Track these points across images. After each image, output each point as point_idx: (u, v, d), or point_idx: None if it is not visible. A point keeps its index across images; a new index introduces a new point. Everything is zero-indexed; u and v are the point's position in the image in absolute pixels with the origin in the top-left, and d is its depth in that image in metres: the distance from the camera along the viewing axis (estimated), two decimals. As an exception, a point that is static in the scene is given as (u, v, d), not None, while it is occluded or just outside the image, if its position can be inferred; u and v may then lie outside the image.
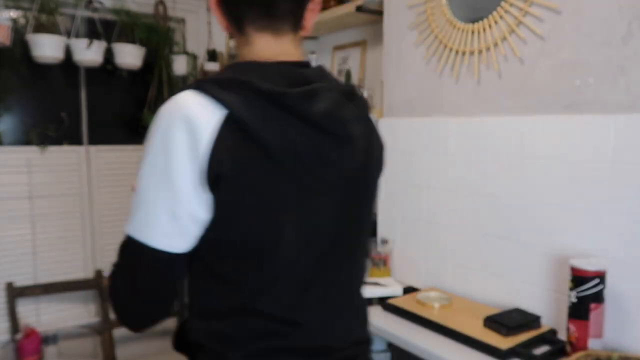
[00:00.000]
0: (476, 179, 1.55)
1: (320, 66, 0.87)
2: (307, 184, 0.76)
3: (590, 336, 1.18)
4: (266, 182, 0.72)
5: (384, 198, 1.89)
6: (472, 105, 1.57)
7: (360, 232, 0.88)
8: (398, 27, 1.80)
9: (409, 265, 1.79)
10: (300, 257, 0.77)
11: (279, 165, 0.72)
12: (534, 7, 1.37)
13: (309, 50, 2.65)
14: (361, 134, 0.83)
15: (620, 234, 1.22)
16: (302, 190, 0.75)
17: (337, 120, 0.78)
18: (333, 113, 0.78)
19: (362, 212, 0.87)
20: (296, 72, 0.80)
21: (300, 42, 0.88)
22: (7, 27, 2.03)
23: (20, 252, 2.29)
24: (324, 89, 0.79)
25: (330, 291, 0.82)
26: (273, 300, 0.76)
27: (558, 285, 1.34)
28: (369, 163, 0.85)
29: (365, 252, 0.93)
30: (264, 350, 0.77)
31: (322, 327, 0.81)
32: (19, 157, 2.27)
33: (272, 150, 0.71)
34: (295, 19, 0.83)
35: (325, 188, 0.78)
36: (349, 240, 0.84)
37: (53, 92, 2.37)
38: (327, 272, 0.81)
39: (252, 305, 0.76)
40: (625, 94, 1.20)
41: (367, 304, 0.93)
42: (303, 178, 0.75)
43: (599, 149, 1.25)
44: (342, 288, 0.85)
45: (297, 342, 0.78)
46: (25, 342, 2.15)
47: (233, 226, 0.73)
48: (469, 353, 1.25)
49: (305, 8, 0.84)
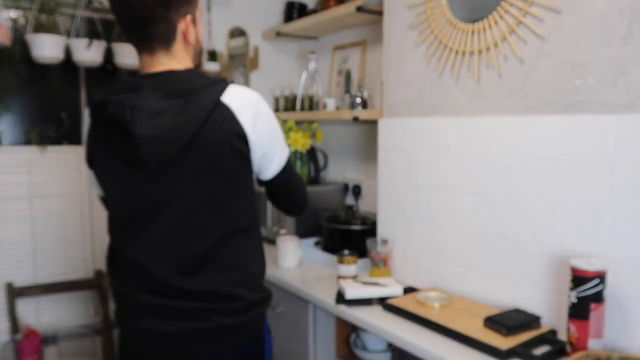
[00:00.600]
0: (476, 179, 1.55)
1: (172, 72, 1.16)
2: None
3: (590, 336, 1.18)
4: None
5: (384, 198, 1.89)
6: (472, 105, 1.57)
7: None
8: (398, 27, 1.80)
9: (409, 265, 1.79)
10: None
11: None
12: (534, 7, 1.37)
13: (309, 50, 2.65)
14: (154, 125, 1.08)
15: (620, 234, 1.22)
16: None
17: (124, 119, 1.08)
18: (119, 114, 1.08)
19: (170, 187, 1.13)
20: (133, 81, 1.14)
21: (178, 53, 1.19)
22: (7, 27, 2.03)
23: (20, 252, 2.29)
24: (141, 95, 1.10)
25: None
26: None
27: (558, 286, 1.34)
28: (185, 156, 1.10)
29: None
30: (112, 266, 1.23)
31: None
32: (19, 157, 2.26)
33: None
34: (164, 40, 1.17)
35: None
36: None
37: (53, 92, 2.36)
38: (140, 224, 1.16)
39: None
40: (626, 94, 1.20)
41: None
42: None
43: (599, 149, 1.25)
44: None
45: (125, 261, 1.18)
46: (25, 343, 2.15)
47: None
48: (469, 353, 1.25)
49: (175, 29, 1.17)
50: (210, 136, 1.10)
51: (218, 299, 1.15)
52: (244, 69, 2.78)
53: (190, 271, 1.14)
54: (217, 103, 1.11)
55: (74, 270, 2.42)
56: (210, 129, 1.10)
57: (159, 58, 1.16)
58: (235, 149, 1.13)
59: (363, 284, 1.65)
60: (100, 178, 1.22)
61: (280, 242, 2.03)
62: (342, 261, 1.79)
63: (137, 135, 1.06)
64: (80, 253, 2.44)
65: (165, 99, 1.09)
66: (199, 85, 1.12)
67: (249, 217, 1.21)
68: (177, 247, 1.14)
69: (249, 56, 2.75)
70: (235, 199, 1.17)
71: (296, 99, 2.61)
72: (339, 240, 2.10)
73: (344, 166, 2.59)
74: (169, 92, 1.09)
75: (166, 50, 1.16)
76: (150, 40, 1.14)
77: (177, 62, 1.17)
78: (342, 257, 1.79)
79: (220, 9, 2.66)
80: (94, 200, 2.45)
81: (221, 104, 1.12)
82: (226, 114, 1.12)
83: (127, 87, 1.11)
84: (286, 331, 1.90)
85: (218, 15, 2.57)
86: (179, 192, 1.12)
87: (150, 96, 1.08)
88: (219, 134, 1.11)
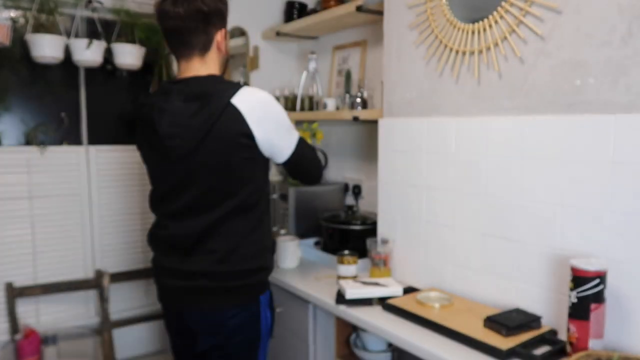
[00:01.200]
0: (476, 179, 1.55)
1: (196, 77, 1.40)
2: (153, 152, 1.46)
3: (590, 336, 1.18)
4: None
5: (384, 198, 1.89)
6: (472, 105, 1.57)
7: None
8: (398, 27, 1.80)
9: (409, 265, 1.79)
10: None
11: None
12: (535, 7, 1.36)
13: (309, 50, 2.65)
14: (181, 123, 1.33)
15: (620, 234, 1.21)
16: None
17: (157, 118, 1.34)
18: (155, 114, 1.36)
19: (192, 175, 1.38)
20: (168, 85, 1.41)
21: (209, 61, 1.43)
22: (7, 27, 2.03)
23: (20, 252, 2.29)
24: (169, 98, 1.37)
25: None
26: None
27: (558, 286, 1.34)
28: (198, 149, 1.33)
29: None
30: (153, 235, 1.51)
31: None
32: (19, 157, 2.26)
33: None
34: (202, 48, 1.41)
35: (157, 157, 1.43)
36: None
37: (53, 92, 2.36)
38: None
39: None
40: (626, 94, 1.20)
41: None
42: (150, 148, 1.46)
43: (599, 149, 1.25)
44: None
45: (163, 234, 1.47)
46: (25, 343, 2.15)
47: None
48: (469, 353, 1.25)
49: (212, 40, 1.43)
50: (220, 135, 1.32)
51: (210, 264, 1.40)
52: (244, 69, 2.78)
53: (196, 241, 1.40)
54: (227, 105, 1.31)
55: (74, 270, 2.42)
56: (219, 129, 1.31)
57: (193, 64, 1.40)
58: (242, 145, 1.34)
59: (363, 284, 1.65)
60: (144, 161, 1.51)
61: (280, 242, 2.02)
62: (342, 261, 1.79)
63: (161, 132, 1.33)
64: (80, 253, 2.44)
65: (185, 102, 1.33)
66: (214, 89, 1.33)
67: (255, 199, 1.43)
68: (194, 220, 1.40)
69: (249, 56, 2.75)
70: (241, 184, 1.39)
71: (296, 99, 2.61)
72: (339, 240, 2.10)
73: (344, 166, 2.59)
74: (189, 95, 1.33)
75: (201, 58, 1.40)
76: (191, 48, 1.38)
77: (206, 68, 1.40)
78: (342, 257, 1.79)
79: (220, 9, 2.65)
80: (94, 200, 2.45)
81: (231, 106, 1.31)
82: (234, 115, 1.32)
83: (161, 91, 1.39)
84: (286, 331, 1.90)
85: (218, 15, 2.57)
86: (195, 178, 1.37)
87: (175, 100, 1.34)
88: (227, 132, 1.32)
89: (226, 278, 1.40)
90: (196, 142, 1.32)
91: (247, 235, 1.43)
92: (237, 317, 1.43)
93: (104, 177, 2.48)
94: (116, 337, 2.49)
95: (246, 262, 1.42)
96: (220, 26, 1.41)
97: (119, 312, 2.54)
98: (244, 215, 1.41)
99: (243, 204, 1.40)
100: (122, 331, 2.54)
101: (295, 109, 2.61)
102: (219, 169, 1.35)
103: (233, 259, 1.41)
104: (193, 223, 1.40)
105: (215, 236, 1.40)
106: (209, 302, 1.42)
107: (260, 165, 1.43)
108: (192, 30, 1.35)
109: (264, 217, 1.48)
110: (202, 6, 1.34)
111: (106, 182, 2.49)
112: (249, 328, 1.45)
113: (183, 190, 1.39)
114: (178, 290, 1.45)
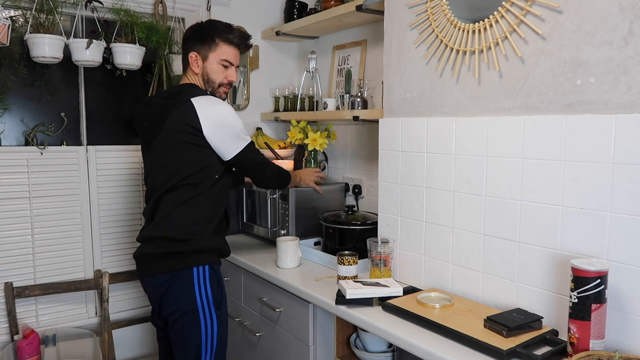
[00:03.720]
0: (476, 179, 1.54)
1: (177, 84, 1.93)
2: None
3: (591, 337, 1.18)
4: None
5: (384, 198, 1.89)
6: (472, 104, 1.56)
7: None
8: (398, 27, 1.80)
9: (410, 265, 1.79)
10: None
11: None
12: (535, 6, 1.36)
13: (309, 50, 2.65)
14: (156, 117, 1.74)
15: (621, 234, 1.21)
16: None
17: (144, 113, 1.82)
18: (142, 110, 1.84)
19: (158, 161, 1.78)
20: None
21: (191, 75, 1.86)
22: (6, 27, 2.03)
23: (19, 252, 2.28)
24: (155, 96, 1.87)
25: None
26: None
27: (559, 286, 1.34)
28: (158, 134, 1.73)
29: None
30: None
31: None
32: (19, 157, 2.26)
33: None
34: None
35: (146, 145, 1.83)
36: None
37: (52, 92, 2.36)
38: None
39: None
40: (627, 94, 1.20)
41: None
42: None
43: (600, 149, 1.24)
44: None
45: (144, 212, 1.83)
46: (24, 343, 2.15)
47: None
48: (469, 354, 1.25)
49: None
50: (172, 121, 1.70)
51: (150, 230, 1.76)
52: (244, 69, 2.78)
53: (151, 211, 1.77)
54: (186, 101, 1.69)
55: (73, 270, 2.42)
56: (174, 117, 1.70)
57: (182, 78, 1.88)
58: (189, 132, 1.68)
59: (363, 284, 1.65)
60: (142, 159, 1.92)
61: (280, 242, 2.02)
62: (342, 261, 1.78)
63: (137, 117, 1.84)
64: (80, 253, 2.44)
65: (162, 99, 1.75)
66: (184, 91, 1.75)
67: (199, 179, 1.71)
68: (154, 195, 1.76)
69: (249, 56, 2.75)
70: (186, 165, 1.71)
71: (296, 98, 2.60)
72: (339, 241, 2.09)
73: (344, 166, 2.59)
74: (165, 93, 1.81)
75: (185, 74, 1.86)
76: (185, 63, 1.86)
77: (188, 80, 1.84)
78: (342, 258, 1.79)
79: (220, 9, 2.65)
80: (93, 201, 2.45)
81: (189, 102, 1.69)
82: (188, 109, 1.68)
83: (158, 93, 1.81)
84: (286, 331, 1.90)
85: (218, 14, 2.56)
86: (156, 159, 1.77)
87: (156, 97, 1.80)
88: (178, 120, 1.69)
89: (160, 245, 1.70)
90: (157, 128, 1.71)
91: (180, 204, 1.70)
92: (169, 284, 1.69)
93: (104, 177, 2.48)
94: (116, 337, 2.49)
95: (176, 229, 1.70)
96: (189, 50, 1.81)
97: (119, 313, 2.54)
98: (181, 189, 1.70)
99: (185, 182, 1.70)
100: (122, 331, 2.54)
101: (296, 109, 2.60)
102: (170, 151, 1.71)
103: (163, 224, 1.71)
104: (153, 197, 1.75)
105: (158, 206, 1.73)
106: (150, 267, 1.73)
107: (208, 155, 1.72)
108: (183, 54, 1.86)
109: (206, 198, 1.73)
110: (184, 35, 1.86)
111: (106, 182, 2.49)
112: (184, 299, 1.68)
113: (152, 173, 1.78)
114: (138, 258, 1.78)
